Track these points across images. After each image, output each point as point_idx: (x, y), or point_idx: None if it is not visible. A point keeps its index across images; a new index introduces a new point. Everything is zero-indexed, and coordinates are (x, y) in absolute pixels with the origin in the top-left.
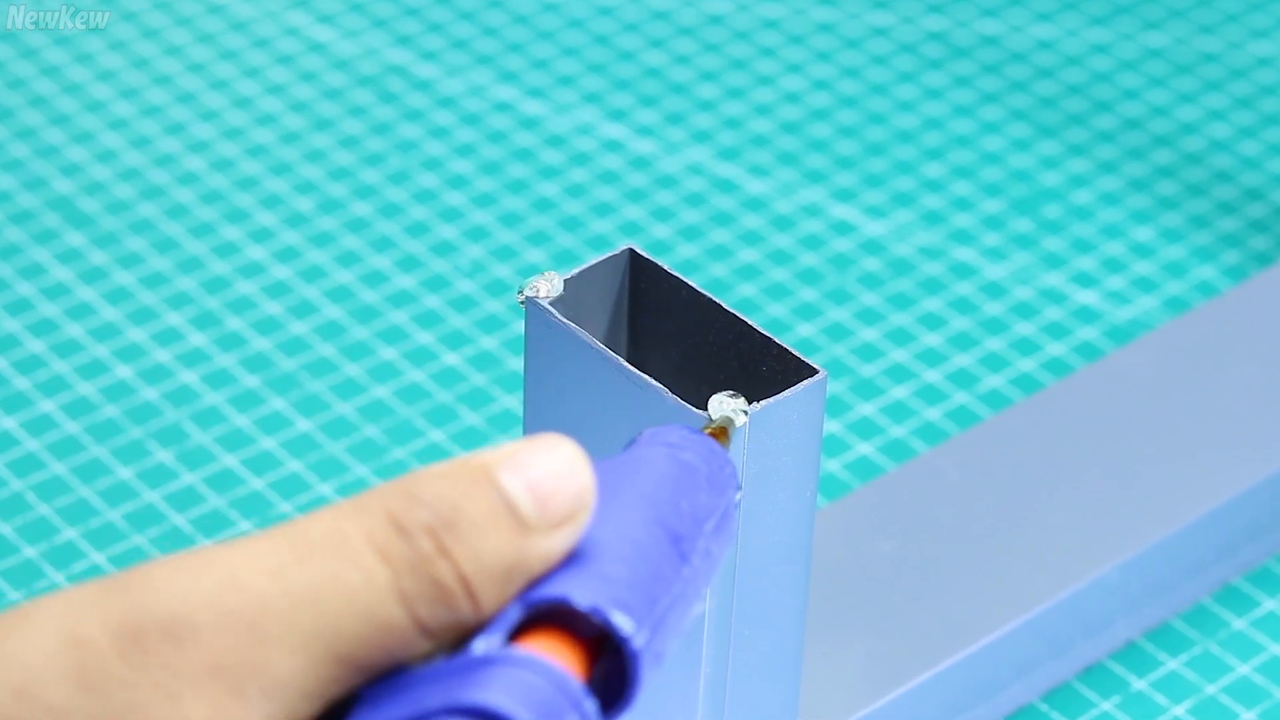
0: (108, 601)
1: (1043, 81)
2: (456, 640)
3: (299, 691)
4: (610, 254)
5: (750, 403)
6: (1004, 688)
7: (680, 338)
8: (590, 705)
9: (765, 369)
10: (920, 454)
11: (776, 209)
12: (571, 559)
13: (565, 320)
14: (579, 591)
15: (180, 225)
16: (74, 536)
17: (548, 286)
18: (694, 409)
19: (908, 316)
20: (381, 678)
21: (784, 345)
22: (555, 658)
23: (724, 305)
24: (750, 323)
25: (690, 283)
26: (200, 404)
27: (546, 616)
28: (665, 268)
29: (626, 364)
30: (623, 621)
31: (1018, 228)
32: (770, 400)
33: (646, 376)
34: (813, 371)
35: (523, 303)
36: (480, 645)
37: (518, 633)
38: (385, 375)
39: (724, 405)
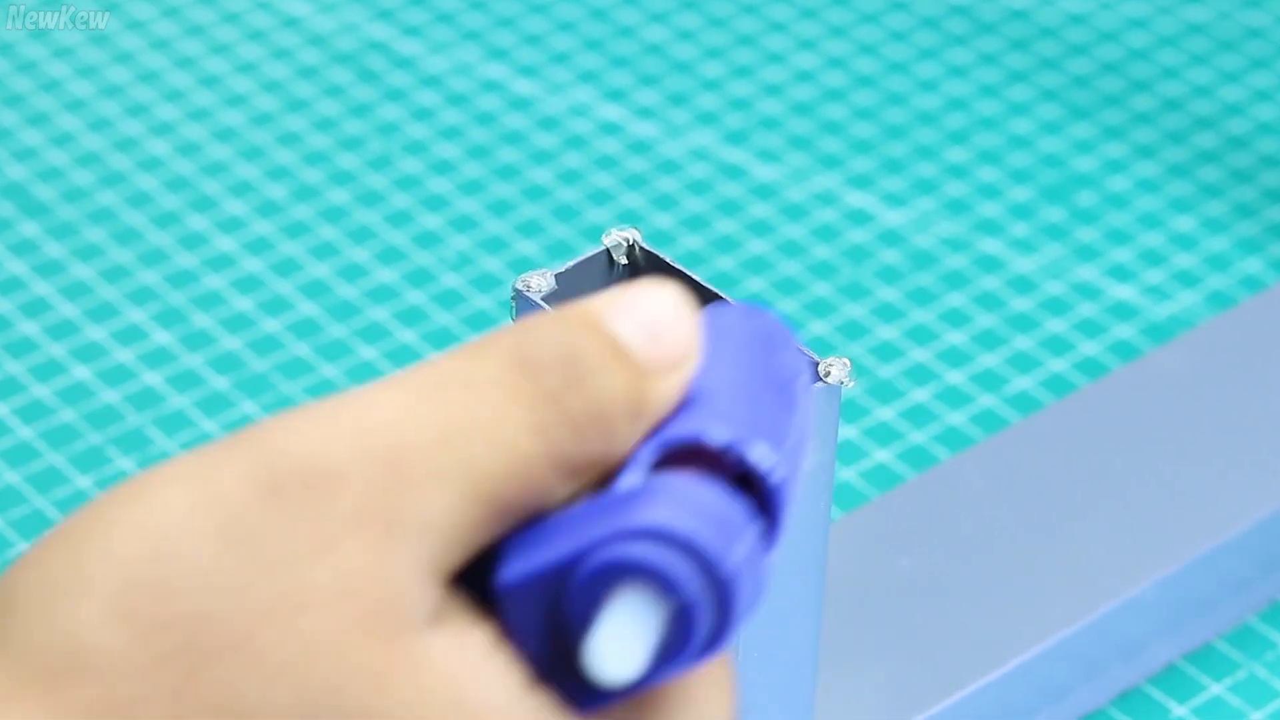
0: (240, 456)
1: (1075, 59)
2: (592, 486)
3: (448, 534)
4: (607, 245)
5: None
6: (1033, 715)
7: None
8: (755, 525)
9: None
10: (942, 461)
11: (787, 197)
12: (686, 403)
13: None
14: (712, 428)
15: (143, 214)
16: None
17: (540, 281)
18: None
19: (929, 313)
20: (525, 526)
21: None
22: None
23: (731, 301)
24: None
25: (695, 276)
26: (165, 407)
27: (675, 459)
28: (668, 260)
29: None
30: (761, 454)
31: (1048, 217)
32: None
33: None
34: None
35: (513, 298)
36: (625, 481)
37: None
38: (364, 376)
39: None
